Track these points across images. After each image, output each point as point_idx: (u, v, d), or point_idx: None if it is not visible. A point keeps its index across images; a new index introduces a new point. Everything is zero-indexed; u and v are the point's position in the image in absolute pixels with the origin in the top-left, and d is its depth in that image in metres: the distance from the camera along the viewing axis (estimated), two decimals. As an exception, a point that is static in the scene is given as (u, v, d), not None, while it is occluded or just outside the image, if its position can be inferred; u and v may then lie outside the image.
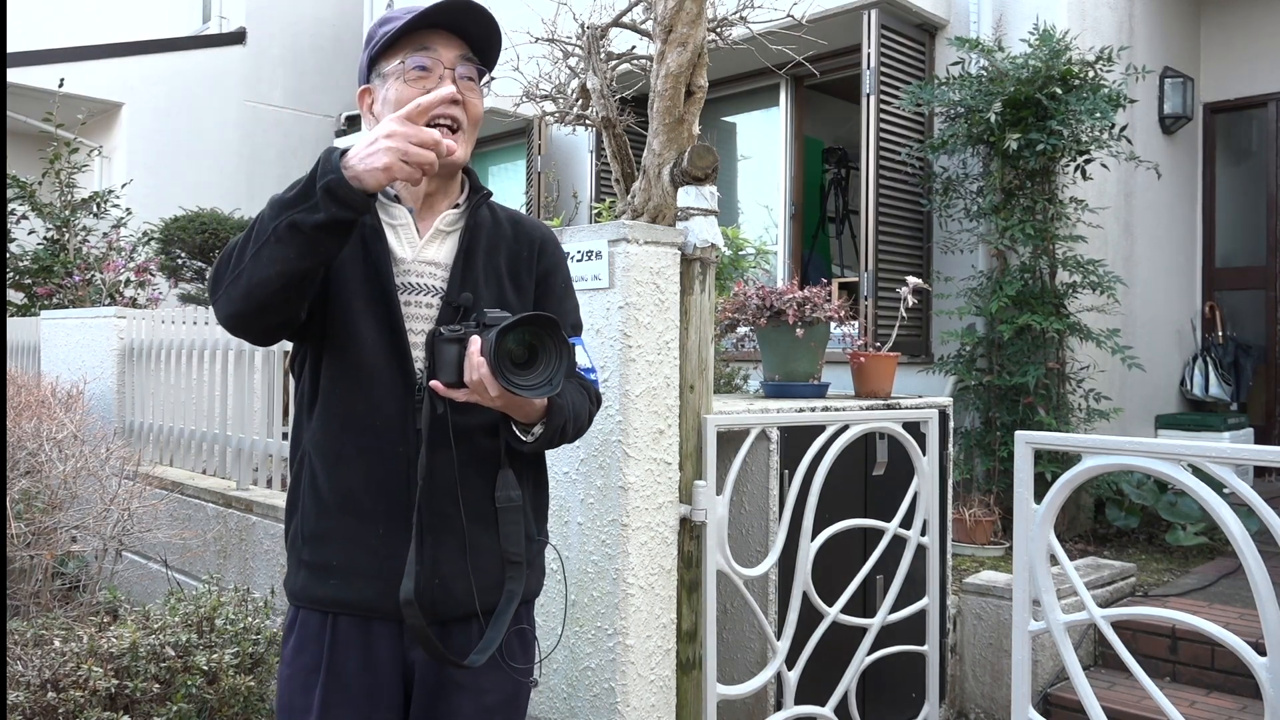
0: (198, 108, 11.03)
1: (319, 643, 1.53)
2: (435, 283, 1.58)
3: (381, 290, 1.54)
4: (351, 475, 1.53)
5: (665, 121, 2.63)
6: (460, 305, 1.55)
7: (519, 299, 1.63)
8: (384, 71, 1.58)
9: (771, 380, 3.40)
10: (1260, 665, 1.90)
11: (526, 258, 1.66)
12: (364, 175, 1.33)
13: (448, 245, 1.61)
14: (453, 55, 1.56)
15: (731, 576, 2.53)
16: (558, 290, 1.70)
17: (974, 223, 5.07)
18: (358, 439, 1.53)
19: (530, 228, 1.70)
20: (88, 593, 3.59)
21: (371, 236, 1.56)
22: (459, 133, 1.56)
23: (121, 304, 7.44)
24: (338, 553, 1.53)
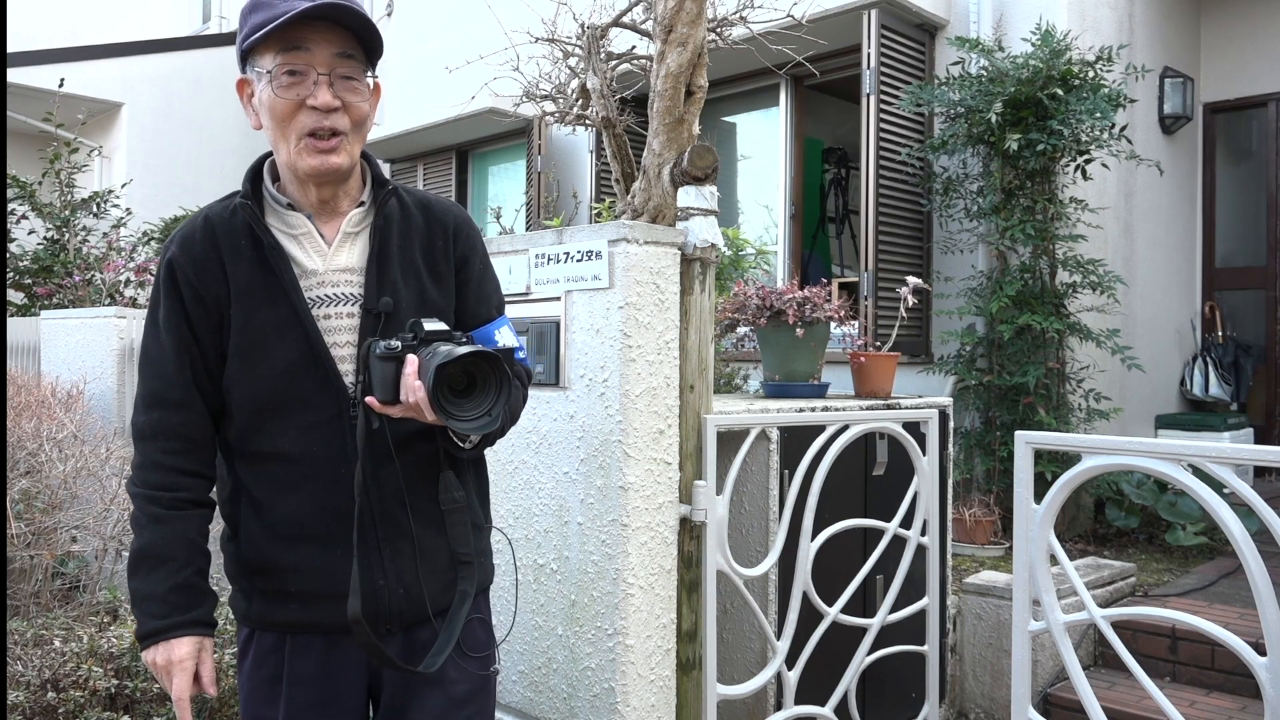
0: (198, 108, 11.04)
1: (278, 654, 1.53)
2: (353, 290, 1.51)
3: (291, 310, 1.47)
4: (300, 503, 1.49)
5: (665, 121, 2.63)
6: (381, 312, 1.49)
7: (440, 291, 1.57)
8: (258, 68, 1.45)
9: (771, 380, 3.40)
10: (1260, 665, 1.90)
11: (442, 246, 1.58)
12: (148, 656, 1.49)
13: (359, 247, 1.53)
14: (328, 55, 1.43)
15: (731, 576, 2.53)
16: (476, 275, 1.63)
17: (974, 223, 5.07)
18: (298, 467, 1.49)
19: (441, 212, 1.61)
20: (88, 593, 3.59)
21: (272, 255, 1.48)
22: (341, 137, 1.45)
23: (121, 304, 7.44)
24: (295, 580, 1.51)
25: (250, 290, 1.48)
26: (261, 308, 1.48)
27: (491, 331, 1.61)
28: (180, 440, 1.51)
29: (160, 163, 10.70)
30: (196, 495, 1.53)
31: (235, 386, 1.50)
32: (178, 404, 1.50)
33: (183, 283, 1.49)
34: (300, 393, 1.48)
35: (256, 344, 1.48)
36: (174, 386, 1.50)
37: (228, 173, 11.18)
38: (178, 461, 1.51)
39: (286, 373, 1.48)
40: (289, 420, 1.48)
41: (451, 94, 7.01)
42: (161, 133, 10.79)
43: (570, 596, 2.42)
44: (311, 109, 1.42)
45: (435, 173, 9.22)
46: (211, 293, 1.48)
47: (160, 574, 1.48)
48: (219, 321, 1.49)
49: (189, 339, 1.49)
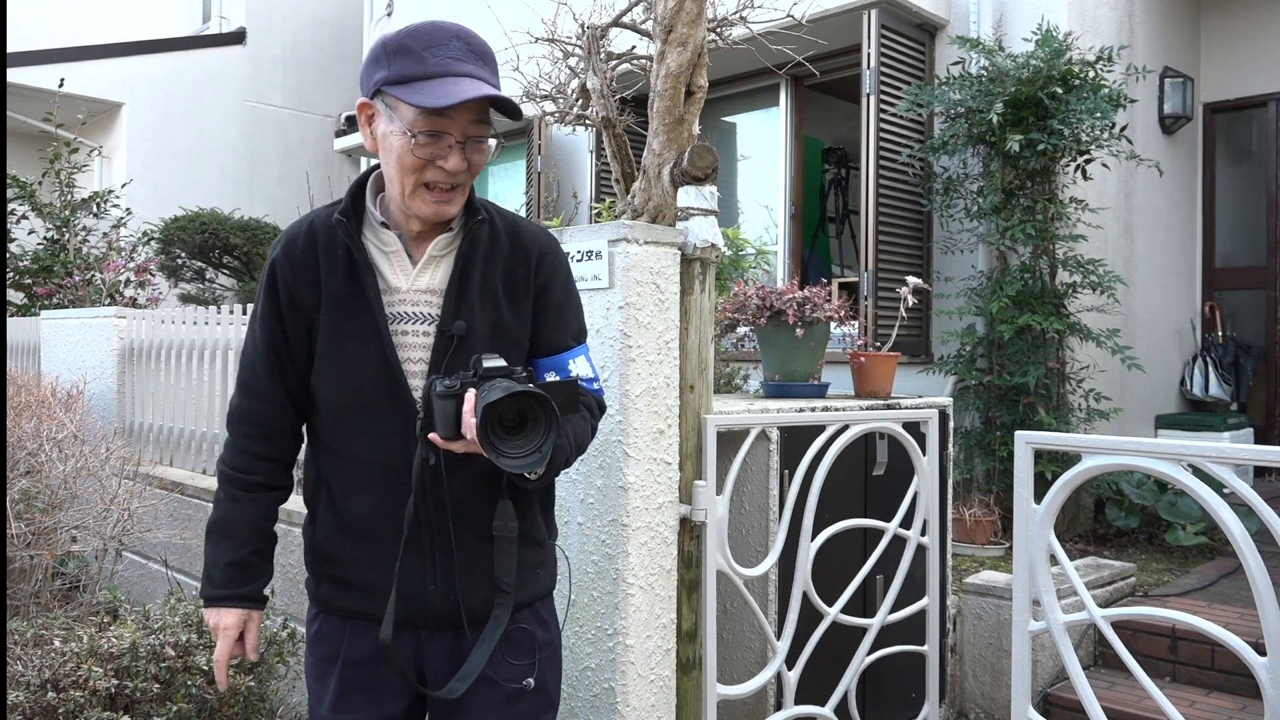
0: (198, 108, 11.04)
1: (338, 636, 1.63)
2: (430, 310, 1.58)
3: (373, 323, 1.56)
4: (363, 503, 1.59)
5: (665, 121, 2.63)
6: (454, 335, 1.55)
7: (515, 317, 1.62)
8: (394, 113, 1.50)
9: (771, 380, 3.40)
10: (1260, 665, 1.90)
11: (523, 275, 1.63)
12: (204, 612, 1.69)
13: (442, 270, 1.59)
14: (466, 122, 1.51)
15: (731, 576, 2.53)
16: (555, 303, 1.67)
17: (974, 223, 5.07)
18: (365, 470, 1.58)
19: (528, 240, 1.65)
20: (88, 593, 3.59)
21: (363, 269, 1.56)
22: (460, 189, 1.55)
23: (121, 304, 7.44)
24: (356, 571, 1.60)
25: (339, 299, 1.57)
26: (348, 317, 1.57)
27: (566, 360, 1.66)
28: (262, 428, 1.65)
29: (160, 163, 10.69)
30: (269, 480, 1.67)
31: (319, 387, 1.61)
32: (262, 395, 1.63)
33: (280, 286, 1.60)
34: (373, 401, 1.57)
35: (339, 350, 1.58)
36: (260, 378, 1.63)
37: (227, 173, 11.18)
38: (257, 447, 1.65)
39: (362, 380, 1.57)
40: (362, 425, 1.58)
41: (451, 94, 7.00)
42: (161, 133, 10.79)
43: (570, 596, 2.42)
44: (440, 168, 1.51)
45: (435, 173, 9.21)
46: (305, 298, 1.59)
47: (224, 548, 1.64)
48: (309, 324, 1.60)
49: (279, 337, 1.61)
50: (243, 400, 1.66)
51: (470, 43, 1.53)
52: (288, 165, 11.53)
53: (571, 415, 1.58)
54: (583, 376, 1.67)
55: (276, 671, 2.86)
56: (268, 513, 1.68)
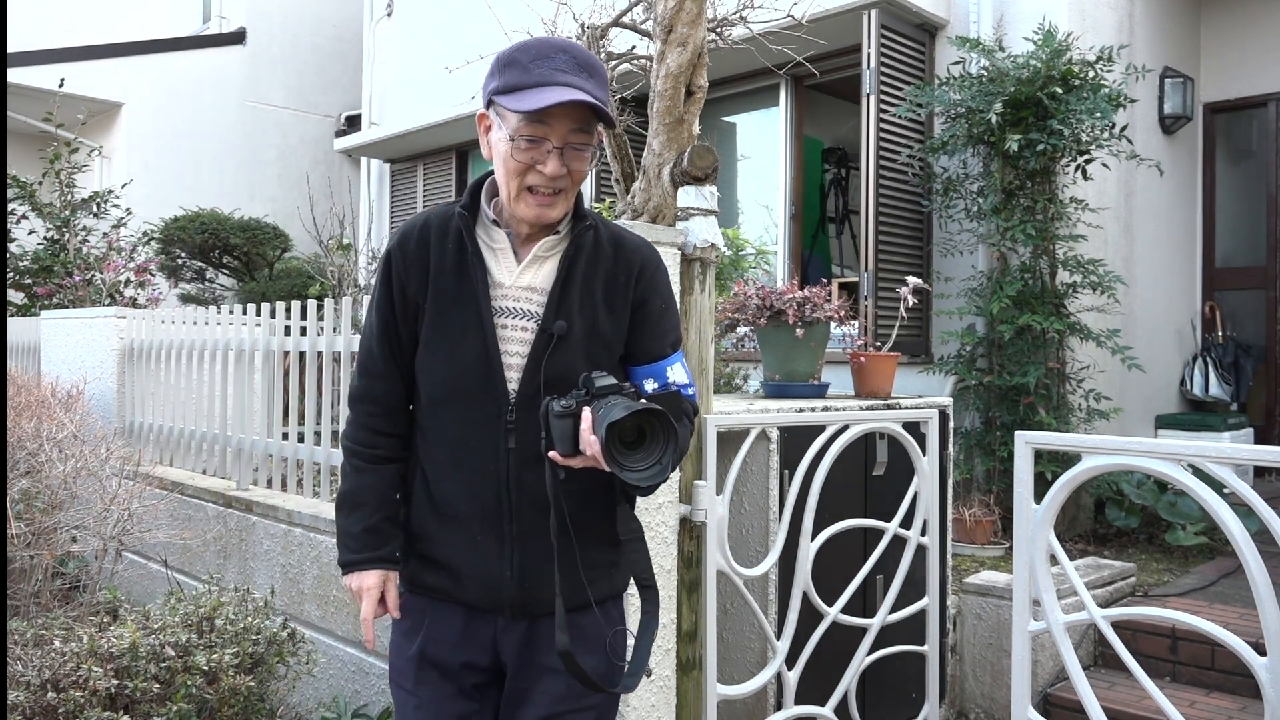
0: (197, 108, 11.04)
1: (421, 616, 1.71)
2: (532, 307, 1.66)
3: (477, 314, 1.64)
4: (451, 486, 1.67)
5: (665, 121, 2.63)
6: (554, 333, 1.63)
7: (613, 325, 1.69)
8: (505, 119, 1.60)
9: (771, 380, 3.40)
10: (1260, 665, 1.90)
11: (624, 283, 1.70)
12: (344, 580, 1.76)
13: (545, 270, 1.67)
14: (565, 129, 1.58)
15: (731, 576, 2.53)
16: (654, 314, 1.73)
17: (974, 223, 5.07)
18: (455, 453, 1.67)
19: (630, 251, 1.72)
20: (88, 593, 3.59)
21: (473, 261, 1.65)
22: (562, 194, 1.62)
23: (121, 304, 7.44)
24: (442, 551, 1.69)
25: (447, 289, 1.66)
26: (453, 306, 1.66)
27: (664, 368, 1.74)
28: (380, 405, 1.74)
29: (160, 163, 10.69)
30: (390, 453, 1.75)
31: (421, 371, 1.70)
32: (380, 375, 1.73)
33: (394, 274, 1.70)
34: (469, 388, 1.65)
35: (442, 336, 1.67)
36: (376, 360, 1.73)
37: (228, 173, 11.18)
38: (377, 424, 1.74)
39: (461, 367, 1.65)
40: (457, 411, 1.66)
41: (451, 94, 7.02)
42: (161, 133, 10.78)
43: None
44: (541, 173, 1.59)
45: (435, 173, 9.22)
46: (415, 286, 1.68)
47: (356, 516, 1.73)
48: (416, 311, 1.69)
49: (391, 322, 1.71)
50: (362, 380, 1.75)
51: (576, 56, 1.60)
52: (288, 165, 11.53)
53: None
54: (679, 383, 1.74)
55: (276, 672, 2.86)
56: (391, 482, 1.75)
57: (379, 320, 1.72)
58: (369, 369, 1.74)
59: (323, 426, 3.78)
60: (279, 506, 3.73)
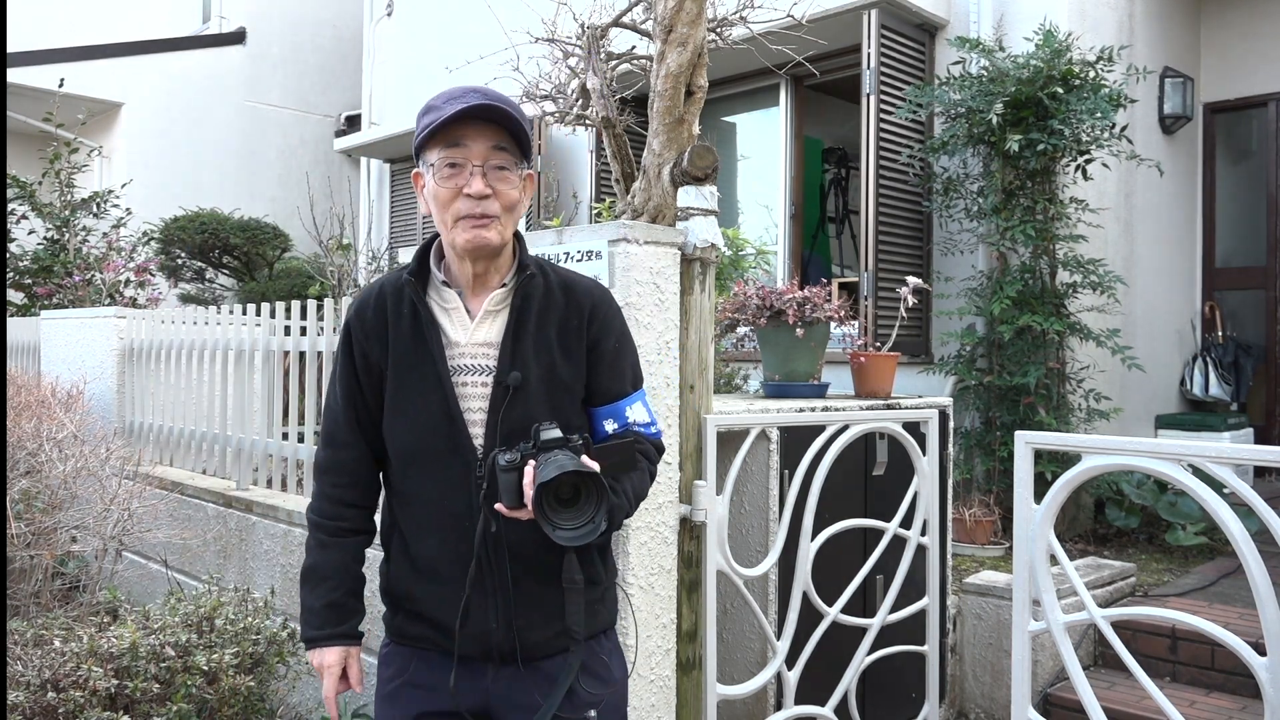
0: (198, 108, 11.04)
1: (405, 661, 1.74)
2: (488, 362, 1.68)
3: (435, 375, 1.67)
4: (429, 545, 1.69)
5: (665, 121, 2.63)
6: (509, 385, 1.65)
7: (570, 368, 1.71)
8: (427, 161, 1.66)
9: (771, 380, 3.40)
10: (1260, 665, 1.90)
11: (576, 326, 1.72)
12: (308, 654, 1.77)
13: (498, 324, 1.70)
14: (484, 148, 1.62)
15: (731, 576, 2.53)
16: (609, 354, 1.76)
17: (974, 223, 5.07)
18: (430, 513, 1.69)
19: (581, 294, 1.74)
20: (88, 593, 3.59)
21: (427, 325, 1.68)
22: (494, 219, 1.63)
23: (121, 304, 7.44)
24: (427, 608, 1.70)
25: (405, 354, 1.70)
26: (413, 370, 1.69)
27: (623, 408, 1.77)
28: (347, 475, 1.76)
29: (160, 163, 10.69)
30: (355, 525, 1.78)
31: (388, 435, 1.72)
32: (345, 444, 1.76)
33: (355, 344, 1.74)
34: (436, 448, 1.67)
35: (405, 400, 1.70)
36: (342, 429, 1.76)
37: (227, 173, 11.17)
38: (343, 494, 1.76)
39: (426, 428, 1.67)
40: (427, 471, 1.69)
41: (451, 94, 7.00)
42: (161, 133, 10.78)
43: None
44: (467, 196, 1.62)
45: (435, 173, 9.21)
46: (375, 354, 1.72)
47: (318, 591, 1.74)
48: (380, 378, 1.72)
49: (356, 391, 1.74)
50: (328, 451, 1.77)
51: (486, 92, 1.64)
52: (288, 165, 11.53)
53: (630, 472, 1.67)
54: (639, 422, 1.77)
55: (276, 672, 2.86)
56: (356, 555, 1.78)
57: (343, 390, 1.74)
58: (335, 438, 1.76)
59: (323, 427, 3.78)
60: (279, 506, 3.73)
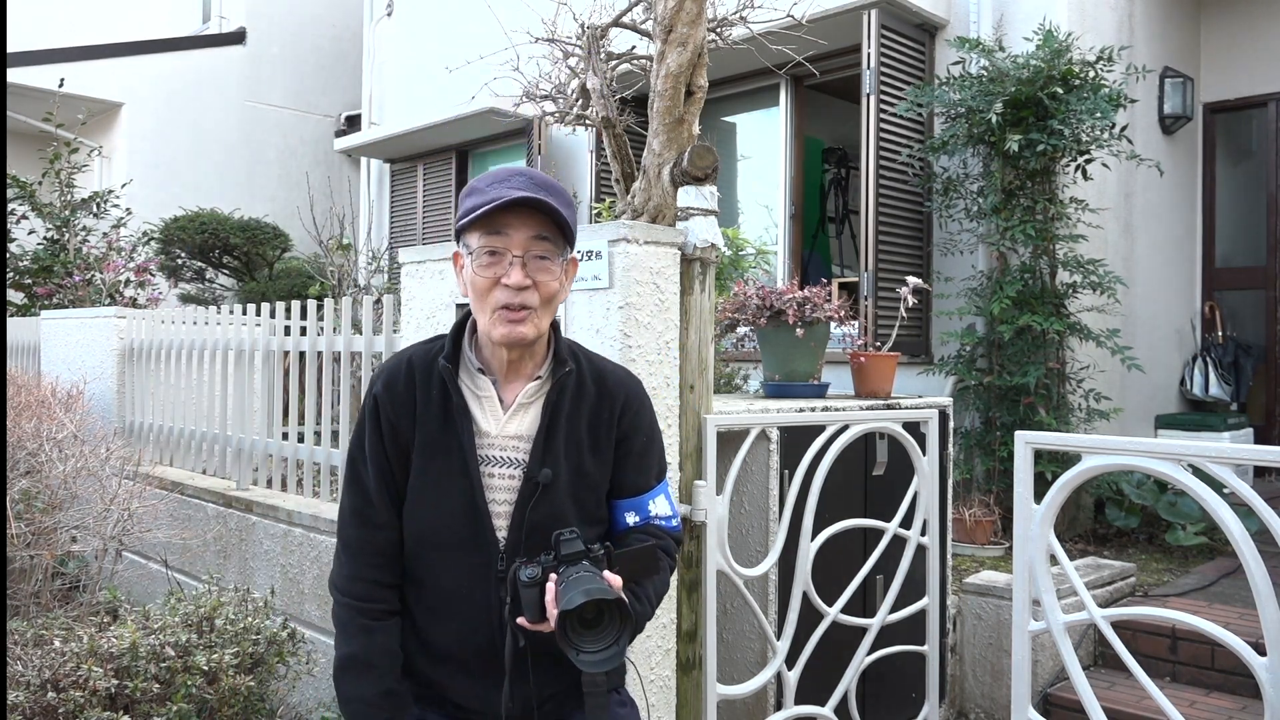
0: (198, 108, 11.04)
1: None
2: (518, 455, 1.66)
3: (463, 464, 1.64)
4: (444, 632, 1.67)
5: (665, 121, 2.63)
6: (540, 482, 1.63)
7: (598, 465, 1.70)
8: (467, 245, 1.62)
9: (771, 380, 3.40)
10: (1260, 665, 1.90)
11: (607, 420, 1.71)
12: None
13: (529, 417, 1.67)
14: (524, 237, 1.59)
15: (731, 576, 2.53)
16: (638, 448, 1.74)
17: (974, 223, 5.07)
18: (448, 601, 1.67)
19: (613, 386, 1.73)
20: (88, 593, 3.59)
21: (458, 411, 1.65)
22: (531, 311, 1.60)
23: (121, 304, 7.44)
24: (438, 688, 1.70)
25: (434, 437, 1.66)
26: (439, 455, 1.65)
27: (646, 501, 1.75)
28: (382, 556, 1.69)
29: (160, 163, 10.69)
30: (393, 605, 1.71)
31: (408, 519, 1.68)
32: (381, 524, 1.69)
33: (383, 418, 1.68)
34: (458, 537, 1.65)
35: (429, 486, 1.66)
36: (377, 509, 1.69)
37: (227, 173, 11.18)
38: (380, 575, 1.69)
39: (450, 517, 1.65)
40: (447, 558, 1.66)
41: (451, 94, 7.03)
42: (161, 133, 10.78)
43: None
44: (505, 286, 1.59)
45: (435, 173, 9.22)
46: (404, 432, 1.67)
47: (368, 680, 1.67)
48: (407, 455, 1.68)
49: (387, 467, 1.68)
50: (363, 531, 1.70)
51: (533, 177, 1.61)
52: (288, 165, 11.53)
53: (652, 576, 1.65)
54: (661, 515, 1.76)
55: (276, 672, 2.86)
56: (397, 637, 1.71)
57: (375, 469, 1.68)
58: (369, 519, 1.69)
59: (323, 426, 3.78)
60: (279, 506, 3.73)
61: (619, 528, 1.75)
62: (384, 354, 3.46)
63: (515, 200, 1.56)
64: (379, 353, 3.52)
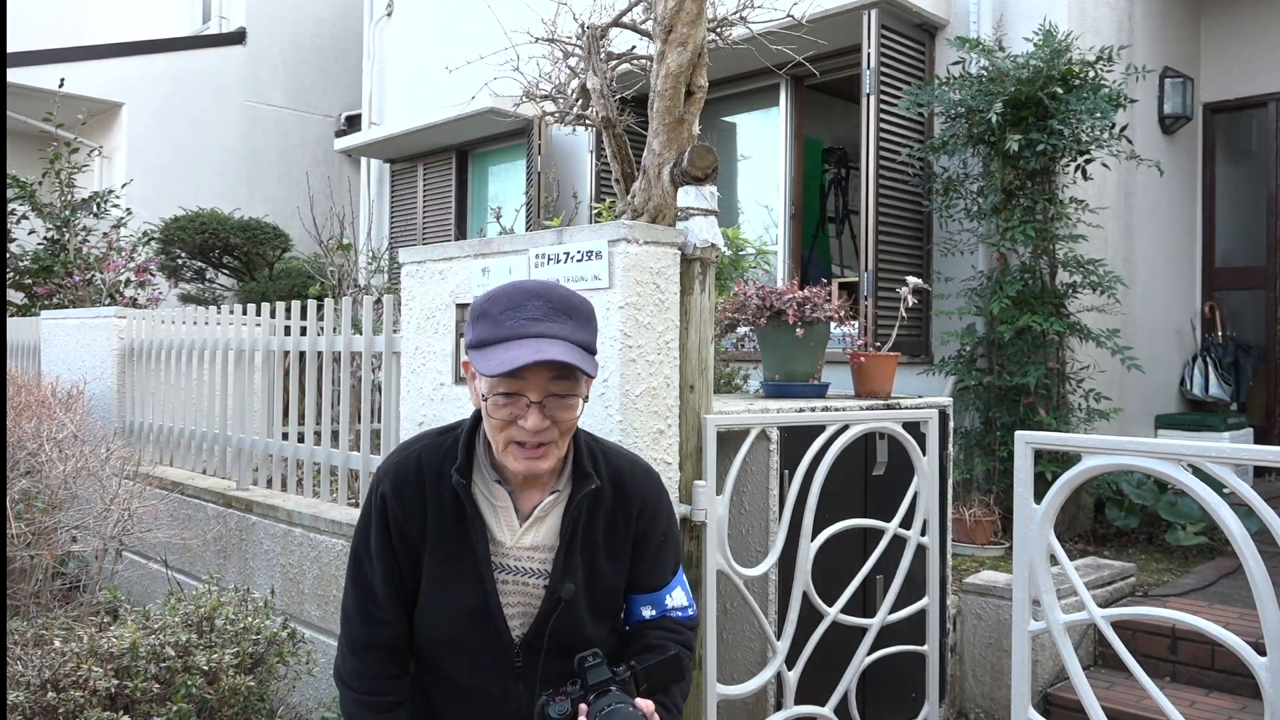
0: (198, 108, 11.04)
1: None
2: (533, 565, 1.65)
3: (476, 573, 1.63)
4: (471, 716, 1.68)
5: (665, 121, 2.63)
6: (562, 596, 1.62)
7: (614, 569, 1.69)
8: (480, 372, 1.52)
9: (771, 380, 3.40)
10: (1260, 665, 1.90)
11: (624, 525, 1.69)
12: None
13: (546, 528, 1.66)
14: (542, 380, 1.52)
15: (731, 576, 2.53)
16: (654, 547, 1.73)
17: (974, 223, 5.07)
18: (466, 694, 1.68)
19: (629, 490, 1.70)
20: (88, 593, 3.59)
21: (473, 521, 1.63)
22: (550, 445, 1.56)
23: (121, 304, 7.44)
24: None
25: (446, 545, 1.64)
26: (451, 559, 1.64)
27: (663, 596, 1.75)
28: (389, 651, 1.70)
29: (160, 163, 10.69)
30: (402, 695, 1.72)
31: (421, 620, 1.69)
32: (387, 622, 1.69)
33: (391, 519, 1.65)
34: (471, 639, 1.65)
35: (442, 589, 1.65)
36: (383, 607, 1.68)
37: (227, 173, 11.18)
38: (388, 669, 1.71)
39: (464, 622, 1.64)
40: (460, 657, 1.67)
41: (451, 94, 7.02)
42: (161, 133, 10.78)
43: None
44: (521, 428, 1.53)
45: (435, 173, 9.22)
46: (414, 534, 1.65)
47: None
48: (417, 555, 1.66)
49: (394, 566, 1.66)
50: (367, 628, 1.69)
51: (551, 299, 1.52)
52: (288, 165, 11.53)
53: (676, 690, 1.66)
54: (677, 607, 1.76)
55: (276, 672, 2.86)
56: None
57: (382, 568, 1.66)
58: (373, 616, 1.68)
59: (323, 426, 3.78)
60: (279, 506, 3.73)
61: (634, 619, 1.74)
62: (383, 354, 3.46)
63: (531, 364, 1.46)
64: (379, 352, 3.52)
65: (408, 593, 1.67)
